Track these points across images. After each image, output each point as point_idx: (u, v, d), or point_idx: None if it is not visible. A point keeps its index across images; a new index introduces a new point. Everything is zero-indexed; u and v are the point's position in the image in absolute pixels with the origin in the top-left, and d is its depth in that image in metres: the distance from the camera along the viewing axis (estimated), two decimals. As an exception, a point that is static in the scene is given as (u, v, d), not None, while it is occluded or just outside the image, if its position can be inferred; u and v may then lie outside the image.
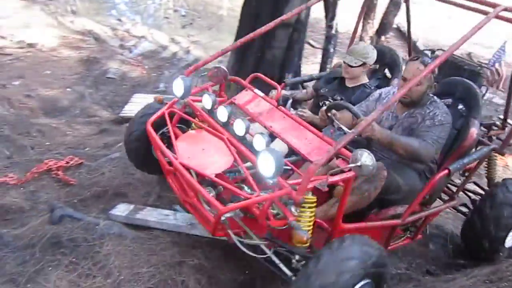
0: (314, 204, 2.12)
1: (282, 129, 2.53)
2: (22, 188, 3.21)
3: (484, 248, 3.19)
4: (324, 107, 2.61)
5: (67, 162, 3.55)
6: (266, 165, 2.00)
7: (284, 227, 2.09)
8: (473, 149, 2.99)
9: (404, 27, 9.75)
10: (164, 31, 9.33)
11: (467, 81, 2.96)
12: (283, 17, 3.10)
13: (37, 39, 7.80)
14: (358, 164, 2.03)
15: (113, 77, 6.82)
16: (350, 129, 2.32)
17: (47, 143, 4.23)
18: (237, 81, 3.13)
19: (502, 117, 3.67)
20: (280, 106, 2.70)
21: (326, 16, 5.61)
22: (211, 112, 2.62)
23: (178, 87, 2.66)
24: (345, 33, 8.14)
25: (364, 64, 3.14)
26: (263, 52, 4.90)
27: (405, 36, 9.68)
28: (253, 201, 2.05)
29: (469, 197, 3.66)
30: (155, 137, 2.55)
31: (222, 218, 2.11)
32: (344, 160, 2.24)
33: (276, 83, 3.06)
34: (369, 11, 6.86)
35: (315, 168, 1.95)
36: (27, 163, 3.59)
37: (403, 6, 3.80)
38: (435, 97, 2.71)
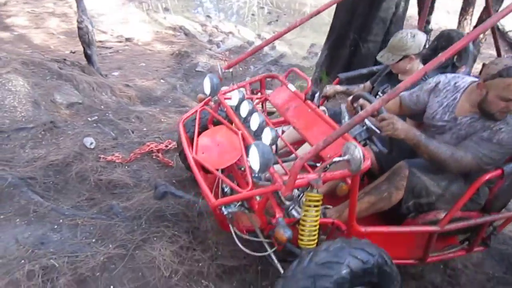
0: (319, 203, 1.98)
1: (303, 125, 2.43)
2: (127, 167, 3.48)
3: None
4: (350, 98, 2.43)
5: (166, 146, 3.78)
6: (254, 159, 1.94)
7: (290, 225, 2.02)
8: None
9: (503, 25, 9.13)
10: (250, 28, 9.57)
11: None
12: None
13: (133, 34, 8.36)
14: (346, 158, 1.85)
15: (202, 71, 7.13)
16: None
17: (144, 129, 4.51)
18: (273, 77, 3.10)
19: None
20: (308, 101, 2.57)
21: (420, 12, 5.42)
22: (237, 108, 2.58)
23: (206, 85, 2.72)
24: (437, 30, 7.82)
25: (406, 56, 2.79)
26: (357, 45, 4.86)
27: (504, 35, 9.08)
28: (243, 196, 2.03)
29: None
30: (183, 135, 2.66)
31: (225, 212, 2.13)
32: None
33: (306, 77, 2.85)
34: (467, 6, 6.46)
35: (301, 163, 1.82)
36: (130, 144, 3.87)
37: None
38: None
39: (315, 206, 1.98)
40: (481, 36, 6.42)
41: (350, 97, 2.43)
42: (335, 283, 1.73)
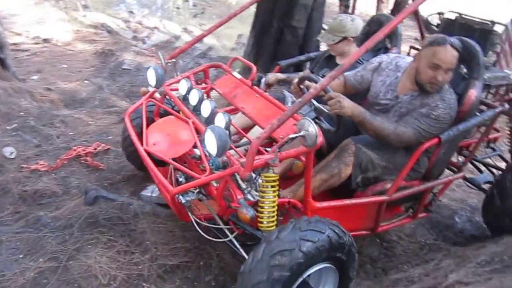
0: (276, 183, 2.03)
1: (253, 109, 2.47)
2: (53, 174, 3.28)
3: (505, 226, 3.05)
4: (296, 80, 2.49)
5: (95, 148, 3.62)
6: (211, 143, 1.94)
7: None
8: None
9: (419, 8, 9.63)
10: (176, 22, 9.35)
11: (466, 39, 2.64)
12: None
13: (51, 34, 7.88)
14: (301, 134, 1.93)
15: (128, 68, 6.87)
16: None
17: (71, 133, 4.29)
18: (217, 66, 3.15)
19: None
20: (254, 86, 2.64)
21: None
22: (186, 97, 2.56)
23: (151, 76, 2.67)
24: (358, 15, 8.10)
25: (345, 38, 2.95)
26: (282, 33, 4.89)
27: (423, 19, 9.58)
28: (202, 181, 2.02)
29: (492, 173, 3.55)
30: (130, 128, 2.59)
31: (183, 201, 2.11)
32: None
33: (251, 64, 2.98)
34: (383, -10, 6.77)
35: (258, 143, 1.86)
36: (55, 151, 3.66)
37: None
38: (446, 85, 2.45)
39: (272, 186, 2.02)
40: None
41: (296, 80, 2.48)
42: (316, 249, 1.85)
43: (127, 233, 2.64)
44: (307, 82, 2.41)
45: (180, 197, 2.12)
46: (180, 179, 2.34)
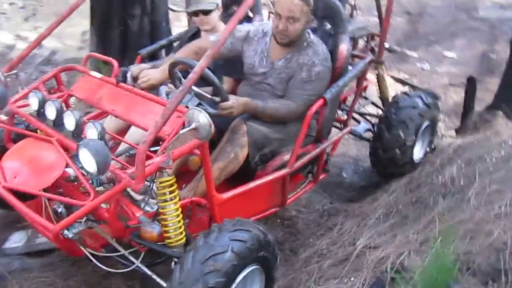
0: (174, 186, 1.85)
1: (125, 109, 2.20)
2: None
3: (393, 173, 3.20)
4: (166, 64, 2.28)
5: None
6: (88, 161, 1.66)
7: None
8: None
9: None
10: (6, 30, 8.22)
11: None
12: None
13: None
14: (193, 126, 1.76)
15: (-42, 95, 5.85)
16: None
17: None
18: (70, 69, 2.75)
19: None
20: (120, 83, 2.35)
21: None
22: (40, 113, 2.19)
23: None
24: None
25: (217, 6, 2.75)
26: (127, 24, 4.46)
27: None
28: (88, 208, 1.73)
29: (370, 122, 3.67)
30: None
31: (70, 235, 1.79)
32: None
33: (111, 59, 2.71)
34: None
35: (145, 148, 1.66)
36: None
37: None
38: (311, 35, 2.45)
39: (171, 192, 1.83)
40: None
41: (167, 65, 2.23)
42: (247, 248, 1.77)
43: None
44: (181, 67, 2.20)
45: (66, 232, 1.77)
46: (59, 210, 1.96)
